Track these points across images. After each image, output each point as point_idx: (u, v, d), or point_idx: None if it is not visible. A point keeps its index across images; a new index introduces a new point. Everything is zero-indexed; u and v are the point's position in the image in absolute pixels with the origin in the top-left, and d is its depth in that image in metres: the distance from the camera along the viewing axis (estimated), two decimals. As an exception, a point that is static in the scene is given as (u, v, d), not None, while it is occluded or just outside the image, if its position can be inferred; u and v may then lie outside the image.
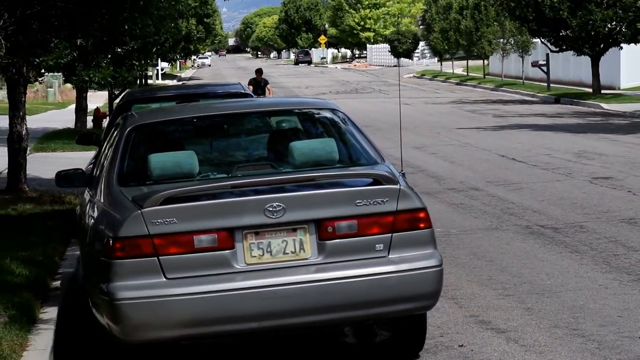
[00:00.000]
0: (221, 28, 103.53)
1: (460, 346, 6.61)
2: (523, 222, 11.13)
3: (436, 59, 67.46)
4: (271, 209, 5.64)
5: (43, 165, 16.80)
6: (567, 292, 7.89)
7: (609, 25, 33.80)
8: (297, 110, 7.30)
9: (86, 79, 20.54)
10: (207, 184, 5.90)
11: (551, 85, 40.84)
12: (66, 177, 7.35)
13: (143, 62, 21.82)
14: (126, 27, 13.94)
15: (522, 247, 9.81)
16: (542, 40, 38.86)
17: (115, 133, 7.00)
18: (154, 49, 22.18)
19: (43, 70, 19.08)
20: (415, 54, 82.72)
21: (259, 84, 28.55)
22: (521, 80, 45.72)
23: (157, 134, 6.87)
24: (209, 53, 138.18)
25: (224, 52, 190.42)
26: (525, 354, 6.38)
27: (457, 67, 60.98)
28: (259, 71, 29.37)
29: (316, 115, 7.15)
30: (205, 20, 55.54)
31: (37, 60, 12.98)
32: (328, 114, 7.05)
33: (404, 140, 22.41)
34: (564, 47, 37.15)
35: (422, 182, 14.94)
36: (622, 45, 35.42)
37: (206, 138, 7.08)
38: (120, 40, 15.02)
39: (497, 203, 12.61)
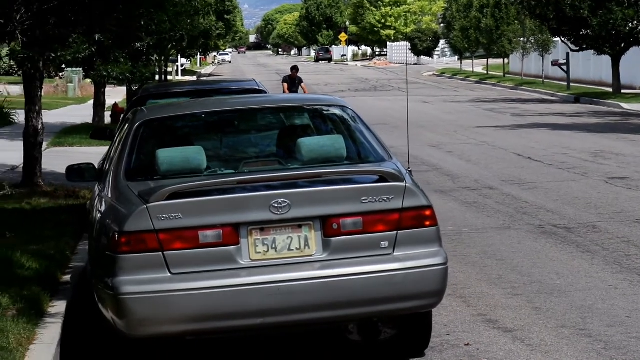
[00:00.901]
0: (242, 25, 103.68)
1: (466, 345, 6.59)
2: (536, 222, 11.09)
3: (456, 57, 67.27)
4: (276, 205, 5.64)
5: (59, 159, 16.87)
6: (576, 292, 7.85)
7: (630, 25, 33.61)
8: (306, 107, 7.30)
9: (104, 74, 20.65)
10: (214, 180, 5.91)
11: (571, 84, 40.65)
12: (77, 171, 7.40)
13: (159, 58, 21.89)
14: (142, 22, 13.99)
15: (533, 246, 9.77)
16: (563, 39, 38.69)
17: (125, 128, 7.03)
18: (170, 45, 22.22)
19: (64, 66, 19.20)
20: (436, 52, 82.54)
21: (294, 81, 28.28)
22: (541, 80, 45.53)
23: (166, 129, 6.89)
24: (230, 50, 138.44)
25: (244, 49, 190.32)
26: (531, 353, 6.35)
27: (477, 66, 60.81)
28: (294, 68, 28.96)
29: (325, 112, 7.15)
30: (225, 16, 55.60)
31: (53, 55, 13.05)
32: (337, 111, 7.04)
33: (421, 139, 22.43)
34: (585, 46, 36.97)
35: (437, 181, 14.92)
36: (643, 44, 35.21)
37: (215, 134, 7.09)
38: (136, 35, 15.07)
39: (511, 202, 12.56)
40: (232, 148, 7.02)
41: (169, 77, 52.15)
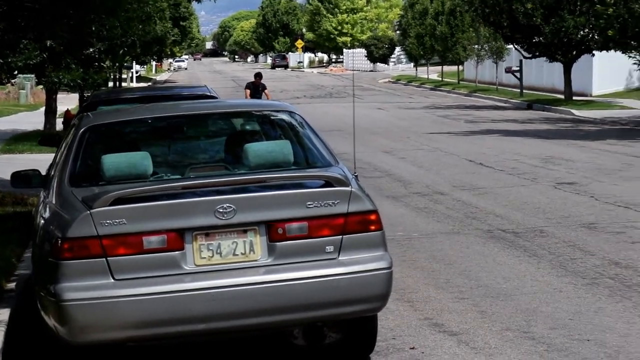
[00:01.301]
0: (198, 31, 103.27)
1: (411, 349, 6.63)
2: (485, 227, 11.19)
3: (412, 64, 67.65)
4: (221, 210, 5.64)
5: (8, 166, 16.67)
6: (521, 296, 7.94)
7: (581, 32, 34.06)
8: (254, 112, 7.33)
9: (55, 80, 20.51)
10: (158, 185, 5.89)
11: (524, 91, 41.09)
12: (22, 178, 7.32)
13: (111, 64, 21.75)
14: (93, 28, 13.93)
15: (481, 250, 9.86)
16: (516, 46, 39.10)
17: (70, 133, 6.99)
18: (122, 51, 22.11)
19: (15, 72, 19.01)
20: (392, 59, 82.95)
21: (257, 88, 28.19)
22: (495, 86, 45.95)
23: (112, 135, 6.86)
24: (186, 56, 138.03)
25: (199, 56, 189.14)
26: (475, 356, 6.41)
27: (432, 73, 61.21)
28: (258, 75, 28.91)
29: (273, 118, 7.17)
30: (181, 23, 55.42)
31: (2, 61, 12.94)
32: (285, 117, 7.07)
33: (374, 145, 22.46)
34: (537, 54, 37.40)
35: (389, 186, 14.99)
36: (594, 52, 35.67)
37: (162, 139, 7.08)
38: (87, 41, 15.00)
39: (461, 207, 12.66)
40: (179, 153, 7.03)
41: (123, 84, 51.82)
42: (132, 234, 5.55)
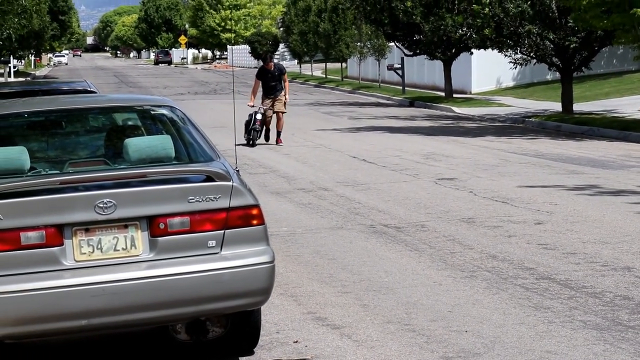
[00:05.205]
0: (78, 26, 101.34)
1: (295, 342, 6.68)
2: (368, 222, 11.32)
3: (295, 61, 67.91)
4: (102, 205, 5.57)
5: None
6: (403, 289, 8.07)
7: (459, 31, 34.76)
8: (135, 107, 7.27)
9: None
10: (36, 180, 5.78)
11: (406, 88, 41.73)
12: None
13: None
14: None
15: (364, 245, 9.98)
16: (397, 44, 39.67)
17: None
18: (-3, 45, 21.52)
19: None
20: (276, 56, 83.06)
21: (270, 74, 20.96)
22: (378, 84, 46.51)
23: (-12, 130, 6.70)
24: (67, 51, 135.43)
25: (79, 52, 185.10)
26: (357, 348, 6.49)
27: (316, 70, 61.58)
28: (266, 57, 21.54)
29: (153, 113, 7.13)
30: (60, 17, 54.23)
31: None
32: (166, 112, 7.04)
33: (258, 141, 22.32)
34: (418, 52, 38.03)
35: (273, 182, 15.03)
36: (472, 50, 36.47)
37: (41, 134, 6.97)
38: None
39: (345, 203, 12.79)
40: (58, 149, 6.94)
41: (1, 79, 50.47)
42: (9, 229, 5.44)
